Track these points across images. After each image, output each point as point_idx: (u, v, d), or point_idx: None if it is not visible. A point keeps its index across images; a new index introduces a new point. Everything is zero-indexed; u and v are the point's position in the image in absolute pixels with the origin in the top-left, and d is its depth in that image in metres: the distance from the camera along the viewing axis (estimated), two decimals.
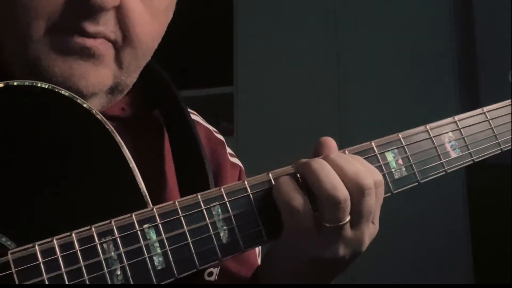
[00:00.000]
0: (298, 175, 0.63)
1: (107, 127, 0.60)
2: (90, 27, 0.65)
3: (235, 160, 0.88)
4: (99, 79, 0.67)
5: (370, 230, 0.64)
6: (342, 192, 0.60)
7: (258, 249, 0.83)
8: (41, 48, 0.64)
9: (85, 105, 0.60)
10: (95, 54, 0.66)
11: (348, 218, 0.61)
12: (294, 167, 0.64)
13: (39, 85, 0.59)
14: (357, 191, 0.61)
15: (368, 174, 0.62)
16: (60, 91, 0.59)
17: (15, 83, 0.58)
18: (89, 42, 0.65)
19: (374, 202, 0.62)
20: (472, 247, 2.50)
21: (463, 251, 2.50)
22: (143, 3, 0.68)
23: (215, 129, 0.89)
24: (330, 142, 0.67)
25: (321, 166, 0.62)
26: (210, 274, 0.76)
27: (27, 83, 0.58)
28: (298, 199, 0.61)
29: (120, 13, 0.66)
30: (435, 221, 2.52)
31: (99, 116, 0.60)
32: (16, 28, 0.65)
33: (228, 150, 0.88)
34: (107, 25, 0.66)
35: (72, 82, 0.65)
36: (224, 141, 0.88)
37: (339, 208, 0.60)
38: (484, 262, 2.49)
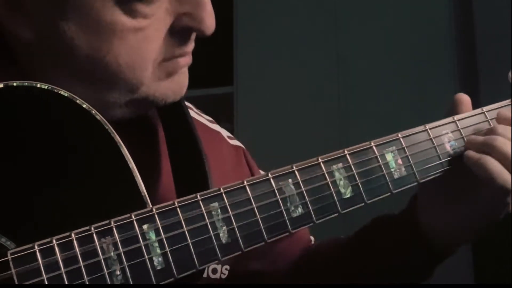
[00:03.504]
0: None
1: (107, 127, 0.60)
2: (190, 47, 0.69)
3: (235, 142, 0.88)
4: (187, 77, 0.72)
5: None
6: None
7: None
8: (150, 86, 0.67)
9: (84, 106, 0.60)
10: (188, 64, 0.71)
11: None
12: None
13: (38, 85, 0.59)
14: None
15: None
16: (59, 92, 0.59)
17: (15, 84, 0.58)
18: (188, 59, 0.70)
19: None
20: (472, 247, 2.49)
21: (463, 251, 2.49)
22: None
23: (210, 119, 0.89)
24: (466, 98, 0.77)
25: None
26: (215, 271, 0.76)
27: (26, 83, 0.58)
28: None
29: None
30: None
31: (99, 117, 0.60)
32: (121, 84, 0.66)
33: (226, 133, 0.88)
34: (193, 37, 0.70)
35: (178, 94, 0.71)
36: (219, 129, 0.88)
37: None
38: (484, 262, 2.49)
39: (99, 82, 0.66)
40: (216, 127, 0.89)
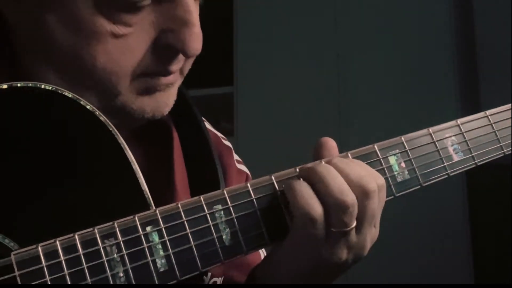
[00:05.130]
0: (302, 179, 0.62)
1: (110, 128, 0.60)
2: (174, 67, 0.67)
3: (241, 167, 0.88)
4: (174, 97, 0.71)
5: (372, 234, 0.65)
6: (350, 197, 0.60)
7: (262, 254, 0.83)
8: (128, 96, 0.66)
9: (88, 107, 0.60)
10: (173, 83, 0.69)
11: (354, 223, 0.61)
12: (299, 172, 0.63)
13: (42, 86, 0.59)
14: (362, 196, 0.61)
15: (371, 178, 0.62)
16: (63, 93, 0.59)
17: (19, 85, 0.58)
18: (172, 78, 0.68)
19: (377, 206, 0.62)
20: (472, 247, 2.50)
21: (463, 251, 2.50)
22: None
23: (222, 136, 0.89)
24: (331, 143, 0.67)
25: (327, 170, 0.61)
26: (214, 283, 0.76)
27: (30, 84, 0.58)
28: (317, 208, 0.60)
29: None
30: (435, 221, 2.52)
31: (102, 118, 0.60)
32: (97, 88, 0.65)
33: (235, 157, 0.88)
34: (183, 58, 0.68)
35: (158, 112, 0.69)
36: (232, 147, 0.88)
37: (347, 213, 0.60)
38: (484, 262, 2.49)
39: (76, 82, 0.65)
40: (229, 144, 0.89)
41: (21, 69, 0.68)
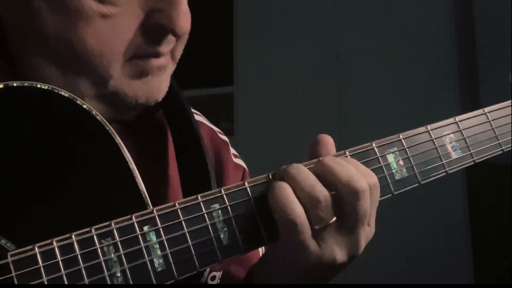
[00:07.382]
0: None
1: (107, 128, 0.60)
2: (164, 48, 0.67)
3: (238, 161, 0.88)
4: (167, 83, 0.71)
5: (366, 233, 0.64)
6: (321, 192, 0.60)
7: (261, 251, 0.83)
8: (120, 81, 0.66)
9: (84, 106, 0.60)
10: (165, 67, 0.69)
11: (334, 218, 0.61)
12: (273, 176, 0.63)
13: (38, 86, 0.58)
14: (351, 194, 0.61)
15: (362, 177, 0.62)
16: (59, 92, 0.59)
17: (15, 84, 0.58)
18: (163, 60, 0.68)
19: (369, 205, 0.62)
20: (472, 247, 2.50)
21: (463, 251, 2.50)
22: None
23: (219, 130, 0.89)
24: (327, 140, 0.67)
25: (297, 170, 0.61)
26: (213, 278, 0.76)
27: (26, 84, 0.58)
28: (296, 211, 0.60)
29: None
30: (435, 221, 2.52)
31: (99, 117, 0.60)
32: (90, 73, 0.65)
33: (232, 151, 0.88)
34: (173, 39, 0.68)
35: (152, 97, 0.69)
36: (228, 142, 0.88)
37: (320, 208, 0.60)
38: (484, 262, 2.49)
39: (69, 68, 0.65)
40: (225, 138, 0.89)
41: (18, 65, 0.68)
